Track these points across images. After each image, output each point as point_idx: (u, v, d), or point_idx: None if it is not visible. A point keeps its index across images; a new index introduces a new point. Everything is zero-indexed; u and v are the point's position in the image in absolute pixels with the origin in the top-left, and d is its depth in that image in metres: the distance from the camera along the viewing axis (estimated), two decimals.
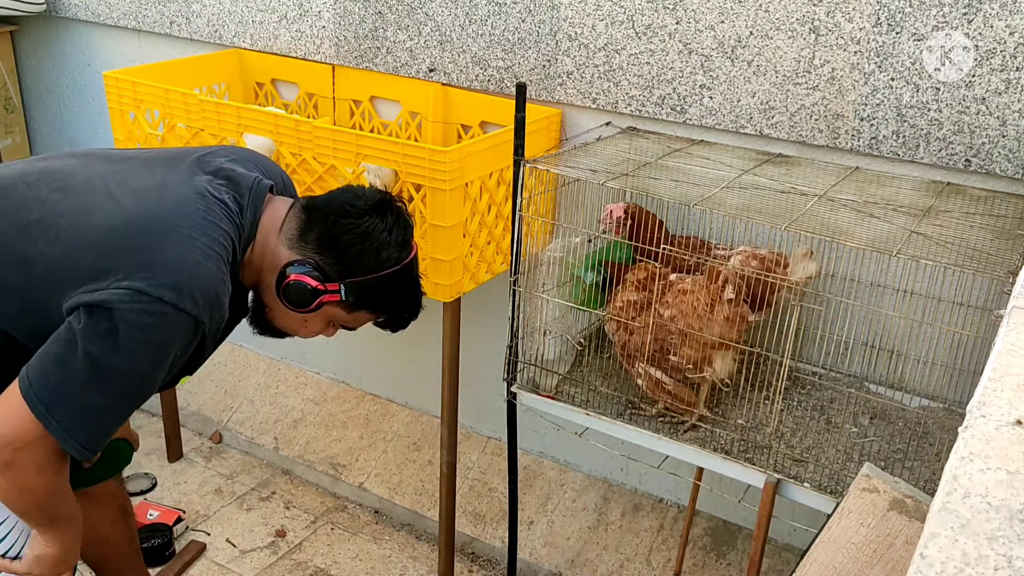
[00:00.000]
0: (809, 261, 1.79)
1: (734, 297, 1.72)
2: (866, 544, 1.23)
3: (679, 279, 1.77)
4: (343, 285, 1.48)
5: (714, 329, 1.70)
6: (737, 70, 2.02)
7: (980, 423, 0.77)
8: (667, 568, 2.37)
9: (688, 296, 1.72)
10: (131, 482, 2.74)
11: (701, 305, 1.70)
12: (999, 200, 1.78)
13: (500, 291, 2.29)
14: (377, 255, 1.49)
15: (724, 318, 1.71)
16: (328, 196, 1.54)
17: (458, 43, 2.37)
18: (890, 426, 1.84)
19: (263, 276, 1.51)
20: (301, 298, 1.47)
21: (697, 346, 1.72)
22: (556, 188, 2.03)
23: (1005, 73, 1.76)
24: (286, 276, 1.46)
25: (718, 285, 1.73)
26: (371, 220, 1.49)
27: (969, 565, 0.62)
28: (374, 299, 1.53)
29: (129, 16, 3.00)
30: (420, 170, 1.90)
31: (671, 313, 1.73)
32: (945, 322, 1.78)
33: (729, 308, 1.71)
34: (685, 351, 1.73)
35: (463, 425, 2.75)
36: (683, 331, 1.71)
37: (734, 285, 1.73)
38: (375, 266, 1.49)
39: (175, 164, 1.50)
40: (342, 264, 1.48)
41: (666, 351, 1.75)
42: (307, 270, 1.46)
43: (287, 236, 1.49)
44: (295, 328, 1.58)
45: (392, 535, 2.63)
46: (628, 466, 2.53)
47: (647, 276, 1.82)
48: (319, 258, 1.47)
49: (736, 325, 1.72)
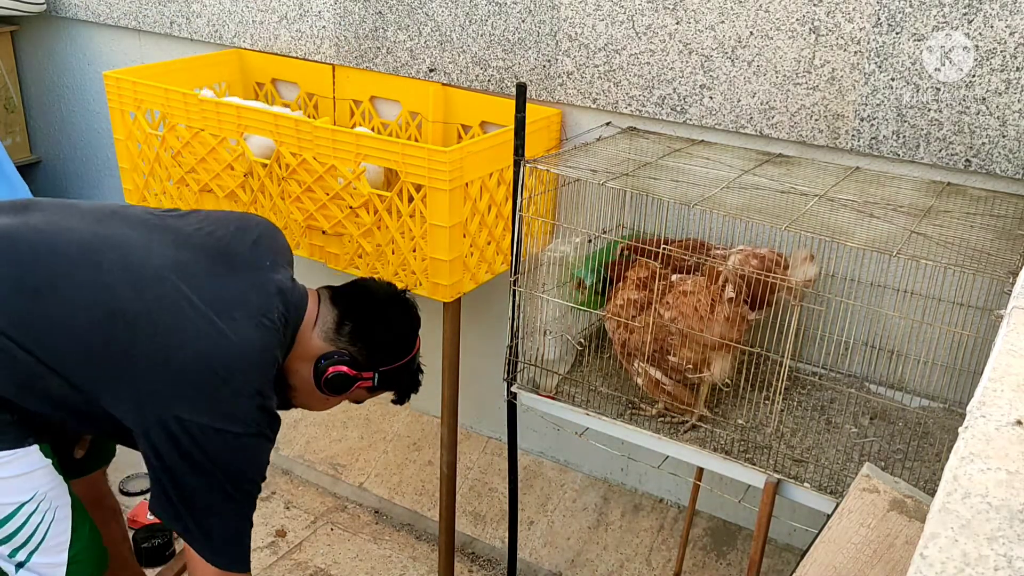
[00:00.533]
0: (810, 264, 1.79)
1: (735, 296, 1.72)
2: (866, 544, 1.23)
3: (680, 280, 1.77)
4: (376, 374, 1.66)
5: (715, 329, 1.70)
6: (737, 70, 2.02)
7: (980, 423, 0.77)
8: (667, 568, 2.37)
9: (689, 297, 1.72)
10: (131, 482, 2.74)
11: (702, 306, 1.70)
12: (999, 200, 1.78)
13: (500, 291, 2.29)
14: (400, 344, 1.69)
15: (724, 318, 1.71)
16: (351, 290, 1.71)
17: (458, 43, 2.37)
18: (890, 426, 1.84)
19: (293, 364, 1.63)
20: (341, 386, 1.64)
21: (697, 347, 1.72)
22: (556, 188, 2.03)
23: (1005, 73, 1.76)
24: (326, 369, 1.62)
25: (718, 285, 1.73)
26: (393, 311, 1.70)
27: (969, 565, 0.62)
28: (396, 381, 1.72)
29: (129, 16, 3.01)
30: (420, 170, 1.90)
31: (672, 314, 1.73)
32: (945, 322, 1.78)
33: (729, 308, 1.71)
34: (685, 352, 1.73)
35: (463, 425, 2.75)
36: (683, 332, 1.71)
37: (734, 284, 1.73)
38: (400, 355, 1.69)
39: (237, 268, 1.60)
40: (374, 355, 1.66)
41: (665, 351, 1.75)
42: (346, 361, 1.62)
43: (323, 330, 1.63)
44: (315, 406, 1.74)
45: (392, 535, 2.63)
46: (628, 466, 2.53)
47: (648, 275, 1.82)
48: (353, 350, 1.63)
49: (736, 325, 1.72)
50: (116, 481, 2.78)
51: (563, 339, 1.94)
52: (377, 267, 2.10)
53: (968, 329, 1.70)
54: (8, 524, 1.54)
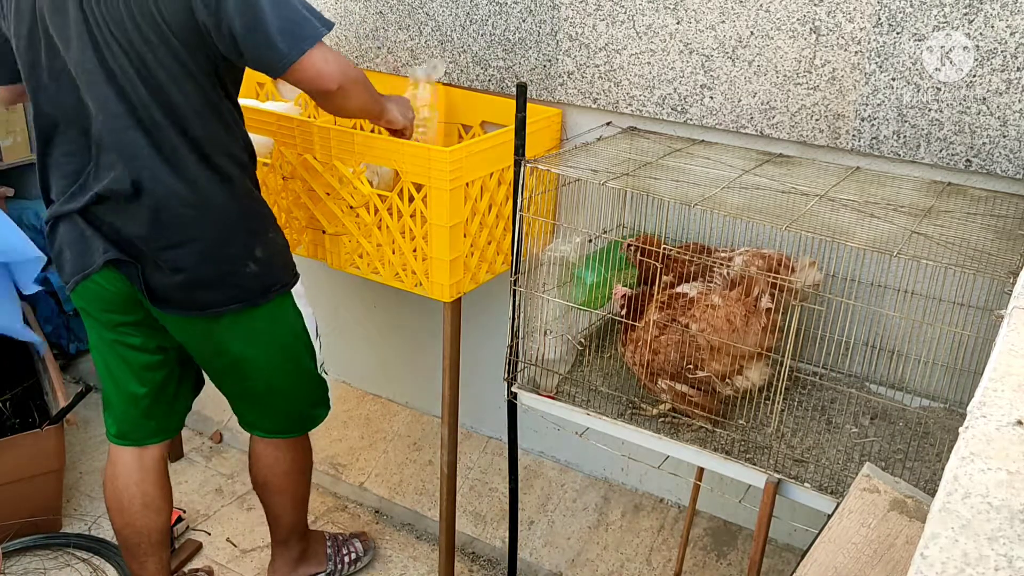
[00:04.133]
0: (814, 270, 1.79)
1: (772, 305, 1.71)
2: (866, 544, 1.23)
3: (703, 292, 1.75)
4: None
5: (749, 340, 1.70)
6: (738, 70, 2.02)
7: (981, 423, 0.77)
8: (667, 568, 2.37)
9: (719, 310, 1.71)
10: None
11: (738, 318, 1.70)
12: (1000, 200, 1.78)
13: (500, 291, 2.29)
14: None
15: (762, 327, 1.70)
16: None
17: (459, 43, 2.37)
18: (891, 426, 1.84)
19: None
20: None
21: (728, 359, 1.71)
22: (557, 188, 2.03)
23: (1006, 73, 1.76)
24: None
25: (753, 296, 1.73)
26: None
27: (970, 565, 0.62)
28: None
29: None
30: (421, 170, 1.90)
31: (701, 327, 1.71)
32: (946, 322, 1.78)
33: (767, 318, 1.70)
34: (715, 366, 1.72)
35: (463, 425, 2.75)
36: (713, 344, 1.70)
37: (769, 295, 1.72)
38: None
39: None
40: None
41: (695, 366, 1.74)
42: None
43: None
44: None
45: (392, 535, 2.63)
46: (628, 466, 2.53)
47: (670, 297, 1.80)
48: None
49: (772, 333, 1.72)
50: None
51: (563, 339, 1.94)
52: (378, 266, 2.10)
53: (969, 329, 1.70)
54: (317, 327, 2.06)
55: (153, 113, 1.69)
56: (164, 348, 1.99)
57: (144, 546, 2.11)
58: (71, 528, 2.59)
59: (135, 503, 2.07)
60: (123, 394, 2.02)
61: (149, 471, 2.09)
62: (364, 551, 2.48)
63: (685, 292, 1.79)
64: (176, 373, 2.06)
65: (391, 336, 2.87)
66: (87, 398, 2.58)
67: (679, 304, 1.77)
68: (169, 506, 2.15)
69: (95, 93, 1.69)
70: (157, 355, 1.99)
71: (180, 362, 2.05)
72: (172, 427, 2.14)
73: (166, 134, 1.71)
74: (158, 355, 1.99)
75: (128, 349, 1.97)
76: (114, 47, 1.66)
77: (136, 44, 1.65)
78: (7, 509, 2.44)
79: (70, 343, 3.33)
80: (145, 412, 2.04)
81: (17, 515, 2.46)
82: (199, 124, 1.73)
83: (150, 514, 2.09)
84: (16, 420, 2.63)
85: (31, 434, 2.42)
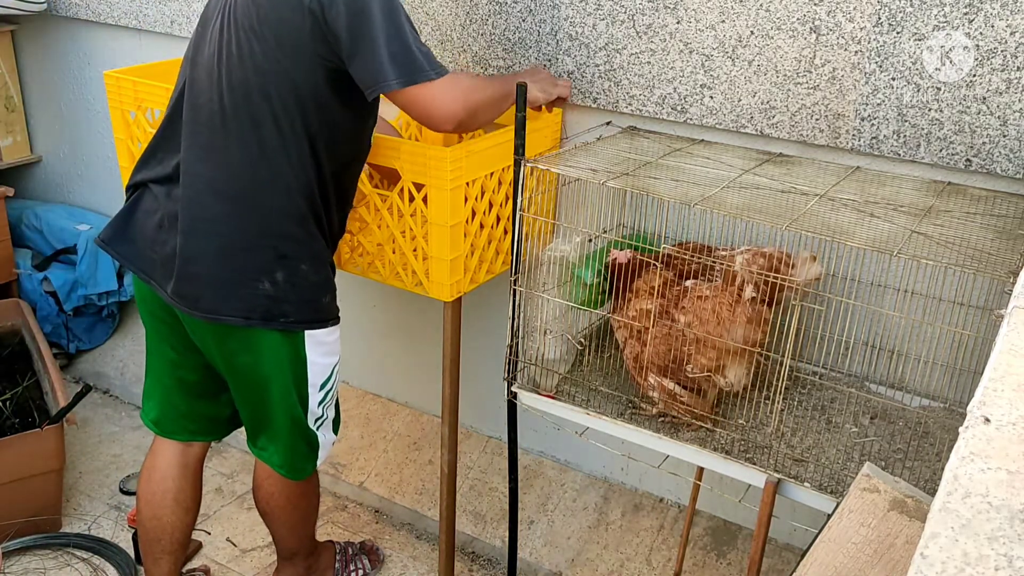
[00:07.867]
0: (814, 264, 1.79)
1: (756, 295, 1.71)
2: (866, 544, 1.23)
3: (696, 285, 1.76)
4: None
5: (736, 332, 1.70)
6: (738, 70, 2.02)
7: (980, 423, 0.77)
8: (667, 568, 2.37)
9: (707, 302, 1.71)
10: (131, 481, 2.74)
11: (723, 309, 1.70)
12: (1000, 200, 1.78)
13: (500, 291, 2.29)
14: None
15: (747, 319, 1.70)
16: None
17: (459, 43, 2.37)
18: (891, 426, 1.84)
19: None
20: None
21: (714, 353, 1.71)
22: (556, 188, 2.03)
23: (1006, 73, 1.76)
24: None
25: (736, 287, 1.73)
26: None
27: (970, 565, 0.62)
28: None
29: (130, 15, 3.01)
30: (421, 169, 1.90)
31: (688, 319, 1.71)
32: (946, 322, 1.78)
33: (751, 308, 1.70)
34: (701, 360, 1.72)
35: (463, 425, 2.75)
36: (701, 338, 1.70)
37: (753, 284, 1.72)
38: None
39: None
40: None
41: (683, 362, 1.74)
42: None
43: None
44: None
45: (392, 535, 2.63)
46: (628, 466, 2.53)
47: (662, 284, 1.81)
48: None
49: (759, 326, 1.72)
50: (117, 480, 2.78)
51: (563, 339, 1.94)
52: (378, 266, 2.10)
53: (968, 329, 1.70)
54: (330, 382, 1.96)
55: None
56: (197, 350, 1.95)
57: (165, 542, 2.11)
58: (71, 528, 2.59)
59: (168, 497, 2.08)
60: (160, 385, 2.05)
61: (189, 468, 2.10)
62: (371, 567, 2.45)
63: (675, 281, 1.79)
64: (212, 376, 2.00)
65: (391, 336, 2.87)
66: (87, 398, 2.58)
67: (671, 296, 1.77)
68: (197, 508, 2.15)
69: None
70: (189, 356, 1.97)
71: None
72: (213, 431, 2.13)
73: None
74: (190, 356, 1.97)
75: (163, 342, 2.00)
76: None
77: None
78: (7, 509, 2.44)
79: (70, 343, 3.33)
80: (180, 407, 2.05)
81: (17, 515, 2.46)
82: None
83: (179, 511, 2.09)
84: (16, 420, 2.63)
85: (31, 434, 2.42)
